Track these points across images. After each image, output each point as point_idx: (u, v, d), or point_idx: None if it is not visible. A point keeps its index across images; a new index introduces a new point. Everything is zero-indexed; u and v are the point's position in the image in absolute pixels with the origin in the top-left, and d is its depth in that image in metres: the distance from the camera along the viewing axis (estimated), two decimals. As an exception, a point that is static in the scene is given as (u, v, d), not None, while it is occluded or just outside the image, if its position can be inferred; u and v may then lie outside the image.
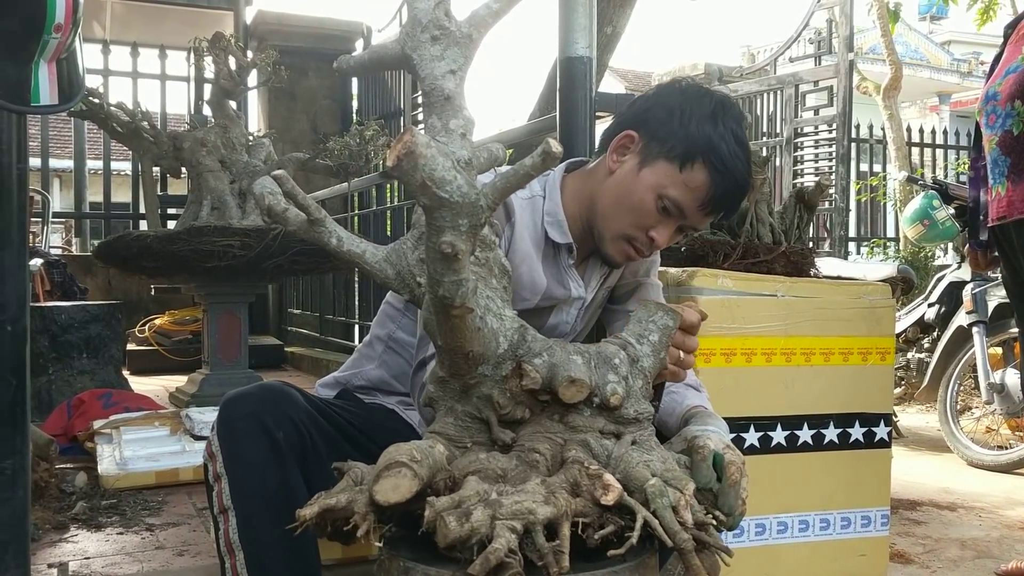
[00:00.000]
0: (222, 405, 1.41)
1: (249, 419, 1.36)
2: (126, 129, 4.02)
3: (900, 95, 8.43)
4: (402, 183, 0.96)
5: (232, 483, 1.36)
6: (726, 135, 1.45)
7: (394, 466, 1.01)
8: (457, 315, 1.02)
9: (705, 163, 1.44)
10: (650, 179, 1.46)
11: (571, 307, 1.60)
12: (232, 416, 1.38)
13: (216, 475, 1.39)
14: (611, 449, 1.12)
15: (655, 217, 1.47)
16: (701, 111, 1.46)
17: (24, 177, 1.64)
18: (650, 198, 1.46)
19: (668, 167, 1.45)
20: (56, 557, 1.99)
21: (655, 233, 1.48)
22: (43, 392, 3.77)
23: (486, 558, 0.91)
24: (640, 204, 1.47)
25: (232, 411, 1.38)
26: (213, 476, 1.40)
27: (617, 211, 1.49)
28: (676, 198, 1.45)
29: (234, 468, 1.36)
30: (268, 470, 1.35)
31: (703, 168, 1.44)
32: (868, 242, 7.97)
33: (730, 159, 1.44)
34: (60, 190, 14.65)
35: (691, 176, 1.44)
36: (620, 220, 1.49)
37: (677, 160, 1.44)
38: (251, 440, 1.35)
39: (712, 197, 1.46)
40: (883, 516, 2.42)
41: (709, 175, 1.44)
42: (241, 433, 1.36)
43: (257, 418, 1.36)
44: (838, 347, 2.35)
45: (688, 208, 1.46)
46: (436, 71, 1.22)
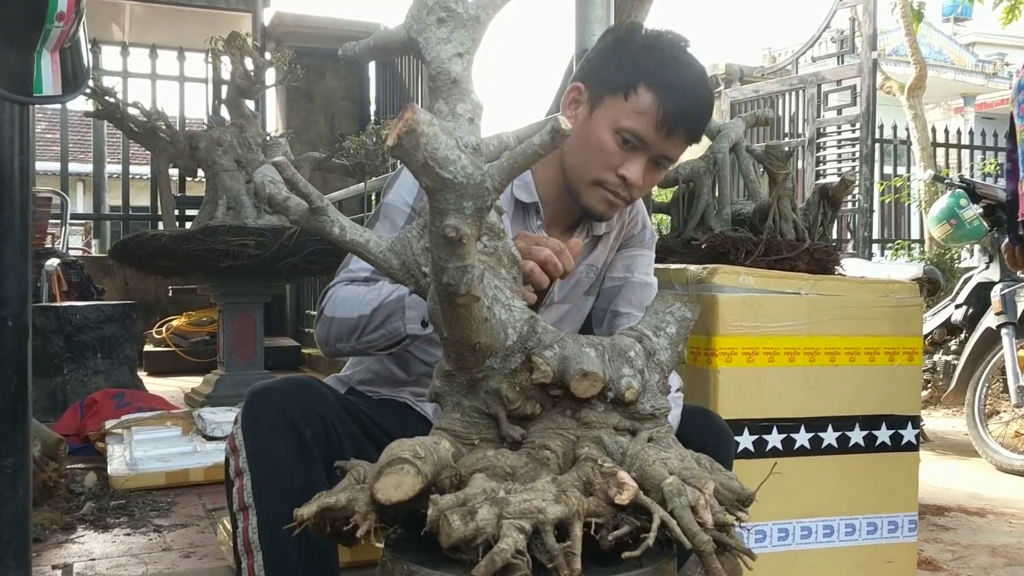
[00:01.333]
0: (248, 397, 1.35)
1: (276, 414, 1.30)
2: (142, 129, 4.01)
3: (923, 97, 8.30)
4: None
5: (255, 480, 1.31)
6: (662, 56, 1.47)
7: (396, 463, 0.96)
8: (463, 304, 0.97)
9: (647, 84, 1.45)
10: (602, 118, 1.47)
11: None
12: (258, 410, 1.32)
13: (238, 470, 1.33)
14: (626, 446, 1.06)
15: (619, 154, 1.47)
16: (633, 44, 1.49)
17: (26, 170, 1.61)
18: (607, 136, 1.47)
19: (615, 100, 1.46)
20: (61, 558, 1.95)
21: (624, 171, 1.48)
22: (57, 392, 3.75)
23: (492, 559, 0.85)
24: (600, 144, 1.47)
25: (258, 404, 1.32)
26: (235, 471, 1.34)
27: (583, 159, 1.50)
28: (631, 127, 1.45)
29: (258, 464, 1.31)
30: (293, 468, 1.29)
31: (646, 89, 1.45)
32: (892, 244, 7.85)
33: (671, 74, 1.46)
34: (83, 194, 14.74)
35: (637, 101, 1.45)
36: (587, 167, 1.50)
37: (620, 91, 1.46)
38: (277, 436, 1.29)
39: (664, 115, 1.45)
40: (911, 522, 2.34)
41: (654, 94, 1.44)
42: (267, 428, 1.30)
43: (284, 413, 1.30)
44: (864, 347, 2.28)
45: (646, 134, 1.46)
46: (442, 54, 1.17)
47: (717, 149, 2.59)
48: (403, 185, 1.54)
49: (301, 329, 6.93)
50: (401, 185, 1.54)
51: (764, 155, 2.44)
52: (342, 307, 1.43)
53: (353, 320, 1.40)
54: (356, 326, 1.40)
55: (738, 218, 2.58)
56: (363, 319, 1.39)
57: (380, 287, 1.42)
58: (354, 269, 1.49)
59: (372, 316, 1.38)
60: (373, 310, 1.39)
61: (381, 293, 1.40)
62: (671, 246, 2.54)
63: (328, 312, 1.44)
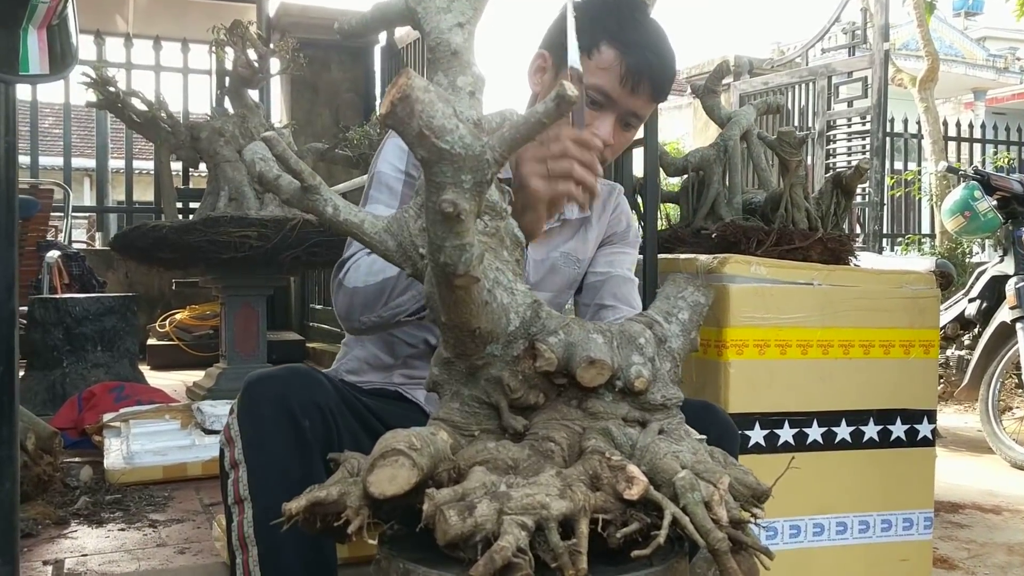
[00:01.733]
0: (245, 386, 1.29)
1: (274, 404, 1.24)
2: (143, 119, 3.96)
3: (934, 91, 8.20)
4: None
5: (251, 472, 1.25)
6: (620, 14, 1.47)
7: (390, 454, 0.90)
8: (461, 285, 0.91)
9: (608, 41, 1.45)
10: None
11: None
12: (256, 399, 1.26)
13: (233, 462, 1.28)
14: (635, 438, 1.00)
15: (588, 114, 1.46)
16: (592, 7, 1.49)
17: (12, 152, 1.54)
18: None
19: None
20: (53, 554, 1.90)
21: (594, 129, 1.45)
22: (57, 385, 3.71)
23: (491, 558, 0.79)
24: None
25: (256, 394, 1.26)
26: (230, 463, 1.29)
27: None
28: (597, 84, 1.45)
29: (254, 456, 1.25)
30: (291, 461, 1.23)
31: (608, 46, 1.45)
32: (903, 238, 7.77)
33: (631, 31, 1.46)
34: (89, 189, 14.73)
35: (600, 59, 1.45)
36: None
37: (583, 52, 1.43)
38: (275, 427, 1.23)
39: (628, 70, 1.45)
40: (926, 519, 2.28)
41: (615, 49, 1.45)
42: (265, 419, 1.24)
43: (283, 403, 1.24)
44: (879, 339, 2.22)
45: (612, 90, 1.46)
46: (442, 24, 1.11)
47: (728, 136, 2.52)
48: (390, 152, 1.50)
49: (305, 323, 6.88)
50: (388, 152, 1.50)
51: (776, 141, 2.37)
52: (365, 274, 1.37)
53: (378, 284, 1.35)
54: (383, 290, 1.34)
55: (749, 207, 2.51)
56: (389, 282, 1.34)
57: None
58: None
59: (399, 277, 1.32)
60: (399, 271, 1.32)
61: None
62: (680, 236, 2.48)
63: (350, 282, 1.39)
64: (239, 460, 1.26)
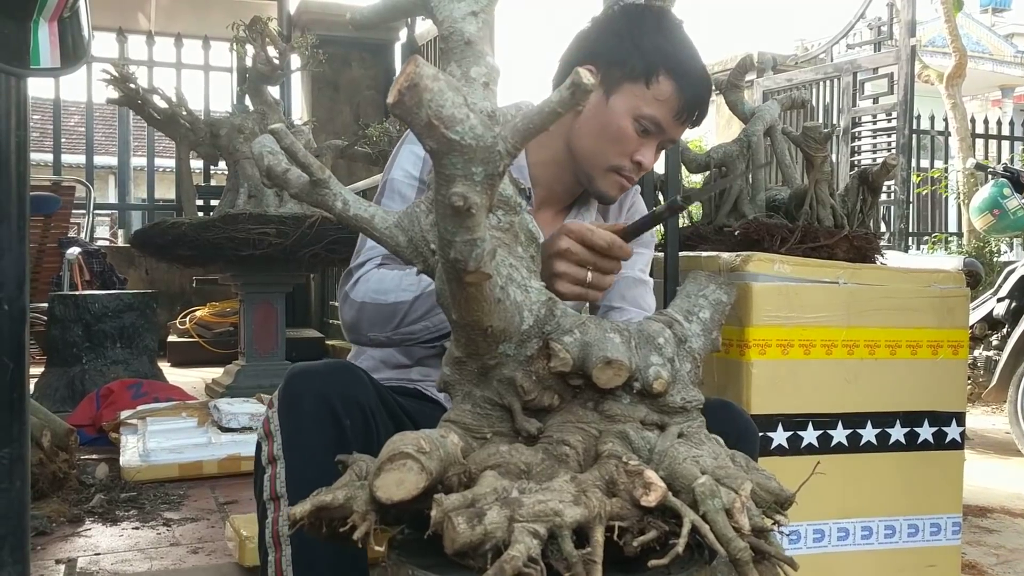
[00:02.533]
0: (287, 380, 1.25)
1: (316, 400, 1.21)
2: (163, 115, 3.96)
3: (961, 88, 8.08)
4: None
5: (289, 469, 1.22)
6: (676, 41, 1.46)
7: (398, 458, 0.86)
8: (472, 282, 0.87)
9: (668, 72, 1.43)
10: (622, 105, 1.45)
11: None
12: (298, 394, 1.23)
13: (271, 457, 1.25)
14: (654, 442, 0.96)
15: (637, 140, 1.46)
16: (647, 26, 1.46)
17: (24, 145, 1.53)
18: (627, 123, 1.45)
19: (635, 87, 1.44)
20: (66, 552, 1.89)
21: (640, 156, 1.47)
22: (76, 381, 3.71)
23: (501, 567, 0.76)
24: (620, 132, 1.45)
25: (298, 388, 1.23)
26: (268, 458, 1.25)
27: (599, 146, 1.48)
28: (652, 115, 1.44)
29: (294, 453, 1.22)
30: (331, 461, 1.19)
31: (667, 77, 1.43)
32: (930, 236, 7.66)
33: (688, 61, 1.45)
34: (113, 187, 14.85)
35: (659, 89, 1.44)
36: (604, 154, 1.47)
37: (641, 78, 1.43)
38: (316, 424, 1.19)
39: (684, 104, 1.45)
40: (954, 524, 2.22)
41: (675, 82, 1.44)
42: (306, 415, 1.21)
43: (325, 400, 1.20)
44: (906, 339, 2.17)
45: (665, 121, 1.46)
46: (455, 13, 1.07)
47: (751, 132, 2.48)
48: (405, 158, 1.48)
49: (326, 320, 6.88)
50: (403, 158, 1.48)
51: (801, 137, 2.32)
52: (375, 290, 1.35)
53: (389, 306, 1.33)
54: (394, 313, 1.32)
55: (773, 204, 2.47)
56: (402, 307, 1.32)
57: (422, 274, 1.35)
58: (374, 253, 1.42)
59: (413, 305, 1.31)
60: (415, 298, 1.32)
61: (423, 280, 1.32)
62: (703, 233, 2.44)
63: (358, 296, 1.37)
64: (277, 456, 1.24)
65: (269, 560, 1.25)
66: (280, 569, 1.23)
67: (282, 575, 1.22)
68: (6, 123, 1.50)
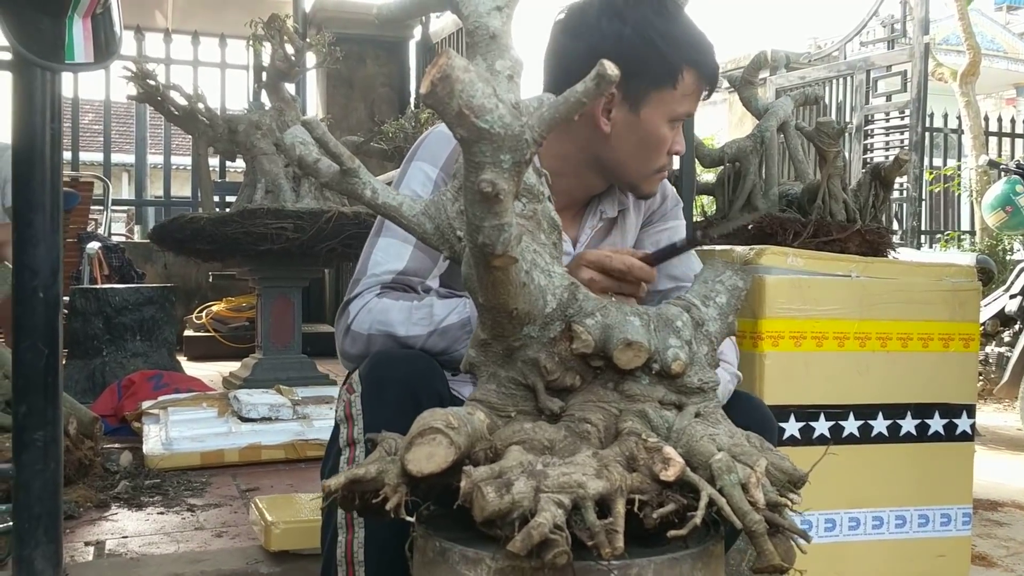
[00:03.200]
0: (371, 365, 1.25)
1: (401, 387, 1.22)
2: (182, 112, 4.01)
3: (975, 86, 8.06)
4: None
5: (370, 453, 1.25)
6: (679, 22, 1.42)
7: (428, 432, 0.91)
8: (499, 266, 0.91)
9: (688, 65, 1.41)
10: (655, 115, 1.42)
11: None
12: (382, 381, 1.23)
13: (351, 440, 1.26)
14: (672, 421, 1.00)
15: (671, 135, 1.45)
16: (644, 18, 1.39)
17: (57, 138, 1.58)
18: (665, 130, 1.44)
19: (662, 93, 1.41)
20: (94, 535, 1.94)
21: (676, 147, 1.47)
22: (97, 374, 3.77)
23: (528, 534, 0.80)
24: (660, 140, 1.44)
25: (383, 376, 1.23)
26: (346, 440, 1.27)
27: (641, 158, 1.46)
28: (685, 111, 1.44)
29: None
30: None
31: (690, 70, 1.41)
32: (942, 234, 7.66)
33: (698, 42, 1.42)
34: (127, 184, 14.95)
35: (685, 85, 1.41)
36: (648, 162, 1.46)
37: (667, 81, 1.40)
38: (400, 414, 1.13)
39: (708, 84, 1.46)
40: (964, 515, 2.25)
41: (695, 71, 1.42)
42: (390, 403, 1.20)
43: (409, 388, 1.21)
44: (917, 332, 2.19)
45: (694, 108, 1.47)
46: (481, 8, 1.11)
47: (764, 128, 2.50)
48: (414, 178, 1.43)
49: (339, 316, 6.93)
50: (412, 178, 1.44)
51: (814, 132, 2.35)
52: (381, 322, 1.31)
53: (399, 339, 1.30)
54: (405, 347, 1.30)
55: (785, 199, 2.49)
56: (415, 341, 1.30)
57: (431, 305, 1.32)
58: (377, 274, 1.38)
59: (429, 339, 1.29)
60: (429, 332, 1.30)
61: (435, 313, 1.30)
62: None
63: (361, 327, 1.32)
64: (357, 439, 1.25)
65: (339, 540, 1.26)
66: (351, 550, 1.25)
67: (353, 556, 1.24)
68: (41, 116, 1.55)
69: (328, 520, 1.28)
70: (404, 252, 1.38)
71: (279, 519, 1.68)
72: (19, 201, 1.56)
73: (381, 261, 1.39)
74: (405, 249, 1.38)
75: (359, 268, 1.41)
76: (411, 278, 1.38)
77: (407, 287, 1.38)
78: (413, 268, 1.39)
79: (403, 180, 1.45)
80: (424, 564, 0.99)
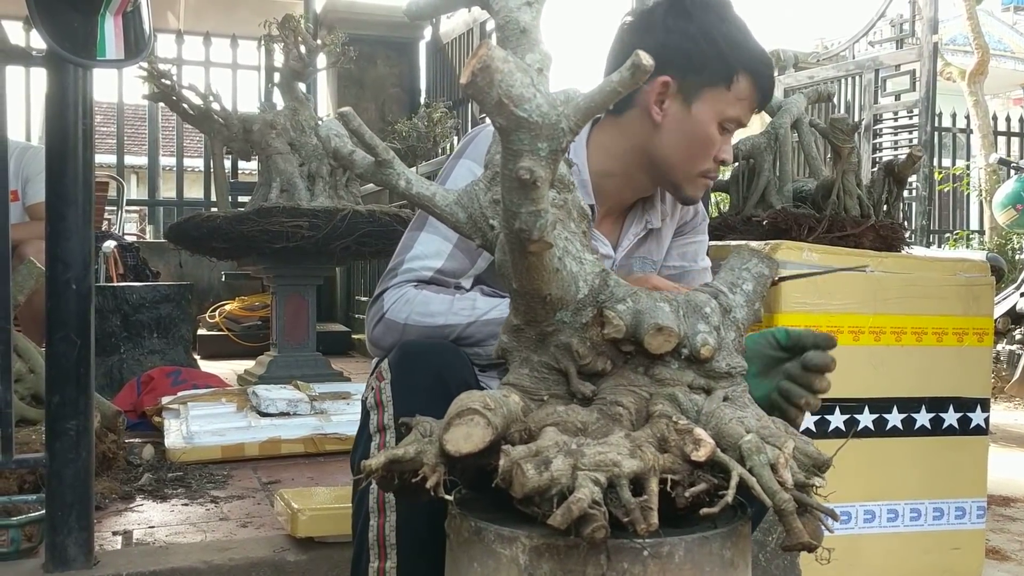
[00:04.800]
0: (400, 354, 1.28)
1: (431, 375, 1.24)
2: (197, 112, 4.04)
3: (983, 86, 8.07)
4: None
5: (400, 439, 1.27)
6: (743, 31, 1.45)
7: (466, 413, 0.93)
8: (535, 251, 0.94)
9: (745, 70, 1.44)
10: (706, 112, 1.45)
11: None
12: (413, 369, 1.25)
13: (381, 426, 1.28)
14: (701, 404, 1.02)
15: (720, 141, 1.48)
16: (713, 21, 1.44)
17: (89, 134, 1.61)
18: (714, 129, 1.46)
19: (716, 92, 1.44)
20: (121, 525, 1.97)
21: (724, 155, 1.49)
22: (115, 371, 3.80)
23: (568, 508, 0.82)
24: (708, 139, 1.46)
25: (413, 364, 1.26)
26: (376, 426, 1.29)
27: (688, 156, 1.48)
28: (736, 116, 1.46)
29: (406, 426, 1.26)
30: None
31: (745, 76, 1.44)
32: (951, 233, 7.66)
33: (757, 51, 1.46)
34: (137, 185, 15.02)
35: (739, 88, 1.44)
36: (694, 162, 1.48)
37: (722, 81, 1.43)
38: (430, 403, 1.13)
39: (762, 95, 1.48)
40: (979, 508, 2.27)
41: (751, 79, 1.45)
42: (421, 391, 1.22)
43: (439, 376, 1.23)
44: (931, 326, 2.22)
45: (746, 117, 1.49)
46: (511, 3, 1.14)
47: (778, 125, 2.53)
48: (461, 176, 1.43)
49: (351, 315, 6.96)
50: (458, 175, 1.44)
51: (828, 128, 2.38)
52: (421, 312, 1.34)
53: (436, 328, 1.33)
54: (441, 336, 1.33)
55: (799, 195, 2.52)
56: (452, 330, 1.32)
57: (473, 299, 1.36)
58: (415, 268, 1.40)
59: (468, 330, 1.32)
60: (469, 322, 1.33)
61: (477, 306, 1.34)
62: (731, 223, 2.50)
63: (398, 317, 1.35)
64: (388, 425, 1.27)
65: (371, 524, 1.28)
66: (383, 533, 1.27)
67: (385, 539, 1.27)
68: (73, 112, 1.58)
69: (360, 505, 1.30)
70: (444, 250, 1.40)
71: (305, 506, 1.71)
72: (52, 196, 1.59)
73: (420, 255, 1.40)
74: (445, 247, 1.40)
75: (396, 259, 1.43)
76: (447, 279, 1.40)
77: (442, 287, 1.40)
78: (451, 268, 1.41)
79: (450, 176, 1.46)
80: (460, 543, 1.01)
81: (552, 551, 0.92)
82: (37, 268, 2.31)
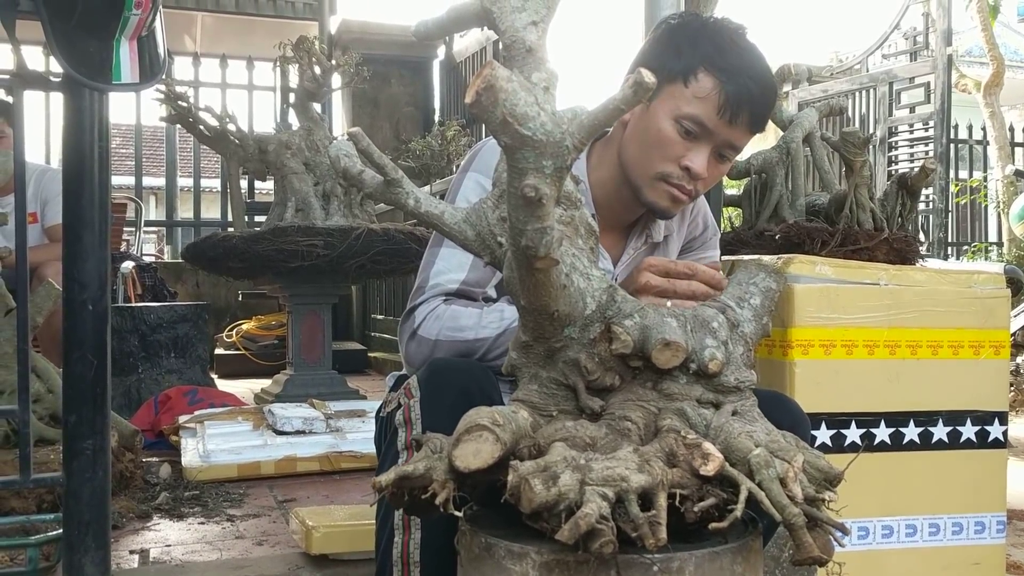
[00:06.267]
0: (429, 372, 1.29)
1: (461, 396, 1.24)
2: (213, 133, 4.09)
3: (999, 96, 8.04)
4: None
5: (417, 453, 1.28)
6: (720, 39, 1.40)
7: (475, 429, 0.94)
8: (541, 268, 0.95)
9: (706, 68, 1.38)
10: (661, 107, 1.41)
11: None
12: (442, 387, 1.26)
13: (408, 444, 1.29)
14: (709, 419, 1.02)
15: (681, 144, 1.41)
16: (689, 29, 1.43)
17: (105, 157, 1.63)
18: (668, 125, 1.40)
19: (673, 88, 1.40)
20: (138, 544, 1.98)
21: (688, 161, 1.41)
22: (132, 390, 3.83)
23: (576, 523, 0.83)
24: (661, 135, 1.41)
25: (442, 382, 1.27)
26: (404, 444, 1.30)
27: (643, 153, 1.44)
28: (692, 114, 1.39)
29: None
30: None
31: (706, 73, 1.38)
32: (970, 246, 7.61)
33: (731, 56, 1.39)
34: (155, 207, 15.16)
35: (698, 87, 1.39)
36: (648, 160, 1.43)
37: (679, 77, 1.39)
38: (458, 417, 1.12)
39: (727, 99, 1.38)
40: (999, 522, 2.24)
41: (714, 77, 1.38)
42: (449, 409, 1.20)
43: (467, 395, 1.24)
44: (947, 339, 2.20)
45: (709, 120, 1.39)
46: (517, 23, 1.15)
47: (790, 139, 2.53)
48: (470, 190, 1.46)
49: (367, 333, 6.99)
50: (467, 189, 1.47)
51: (840, 142, 2.37)
52: (451, 328, 1.36)
53: (467, 343, 1.34)
54: (472, 350, 1.34)
55: (812, 209, 2.51)
56: (483, 343, 1.34)
57: (501, 309, 1.37)
58: (441, 282, 1.42)
59: (498, 340, 1.34)
60: (499, 333, 1.34)
61: (505, 316, 1.35)
62: (744, 238, 2.49)
63: (429, 333, 1.37)
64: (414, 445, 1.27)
65: (395, 542, 1.28)
66: (407, 551, 1.28)
67: (409, 557, 1.27)
68: (90, 135, 1.61)
69: (384, 521, 1.31)
70: (466, 262, 1.42)
71: (320, 524, 1.72)
72: (69, 217, 1.61)
73: (444, 270, 1.42)
74: (467, 259, 1.41)
75: (421, 277, 1.45)
76: (473, 289, 1.42)
77: (469, 298, 1.42)
78: (475, 279, 1.42)
79: (458, 191, 1.47)
80: (470, 559, 1.02)
81: (562, 567, 0.92)
82: (55, 289, 2.34)
